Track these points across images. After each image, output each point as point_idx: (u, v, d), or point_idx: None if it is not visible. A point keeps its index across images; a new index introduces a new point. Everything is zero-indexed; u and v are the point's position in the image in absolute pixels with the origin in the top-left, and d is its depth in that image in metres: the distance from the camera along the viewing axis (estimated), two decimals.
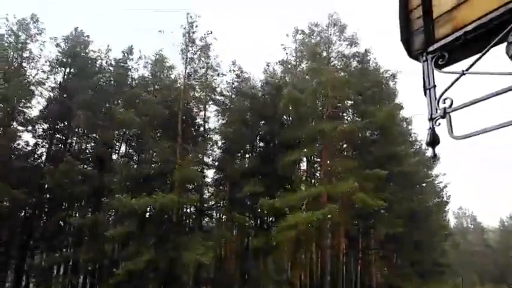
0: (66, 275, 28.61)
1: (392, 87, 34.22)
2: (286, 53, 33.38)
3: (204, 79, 30.86)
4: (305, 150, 27.60)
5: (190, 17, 28.34)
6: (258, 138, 33.19)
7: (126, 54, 33.04)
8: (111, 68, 33.30)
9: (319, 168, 32.71)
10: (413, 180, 34.09)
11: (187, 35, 28.44)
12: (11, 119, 28.93)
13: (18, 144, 30.01)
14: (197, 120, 32.70)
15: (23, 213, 30.88)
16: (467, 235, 71.92)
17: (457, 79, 2.41)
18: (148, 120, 26.84)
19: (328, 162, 28.85)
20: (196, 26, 28.71)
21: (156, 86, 31.40)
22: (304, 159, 32.57)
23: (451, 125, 2.44)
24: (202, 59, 29.90)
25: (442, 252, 45.05)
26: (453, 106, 2.44)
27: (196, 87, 30.81)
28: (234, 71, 32.85)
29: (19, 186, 26.03)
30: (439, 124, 2.54)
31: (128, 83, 31.21)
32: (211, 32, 29.26)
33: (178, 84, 30.36)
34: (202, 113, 32.73)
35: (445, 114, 2.47)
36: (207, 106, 32.53)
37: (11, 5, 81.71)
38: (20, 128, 30.06)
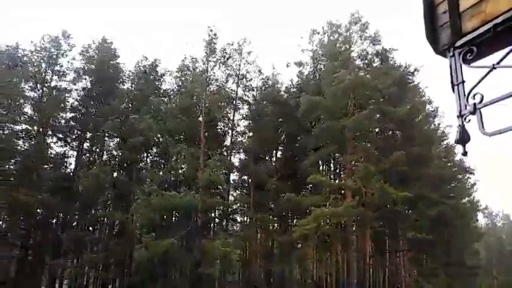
0: (97, 275, 29.42)
1: (416, 84, 33.37)
2: (307, 55, 33.33)
3: (225, 86, 31.48)
4: (328, 149, 27.46)
5: (211, 30, 29.22)
6: (281, 141, 33.24)
7: (152, 67, 34.01)
8: (136, 77, 34.30)
9: (342, 168, 32.43)
10: (442, 179, 33.03)
11: (208, 45, 29.17)
12: (44, 130, 30.35)
13: (51, 154, 31.34)
14: (221, 125, 33.10)
15: (54, 220, 32.13)
16: (500, 235, 69.08)
17: (487, 73, 2.34)
18: (172, 127, 27.43)
19: (351, 161, 28.52)
20: (217, 37, 29.39)
21: (180, 94, 32.02)
22: (328, 160, 32.37)
23: (482, 121, 2.38)
24: (223, 67, 30.62)
25: (473, 253, 43.40)
26: (483, 101, 2.37)
27: (218, 94, 31.23)
28: (262, 77, 33.16)
29: (51, 193, 27.11)
30: (469, 121, 2.47)
31: (154, 90, 32.02)
32: (232, 43, 30.26)
33: (200, 90, 30.82)
34: (225, 119, 33.22)
35: (475, 110, 2.40)
36: (230, 111, 32.95)
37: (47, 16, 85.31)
38: (52, 138, 31.54)
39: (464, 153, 2.49)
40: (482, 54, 2.43)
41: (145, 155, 33.13)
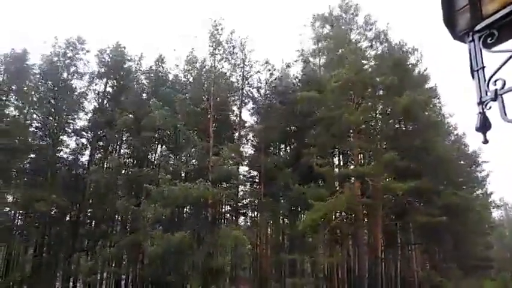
0: (110, 271, 29.83)
1: (422, 73, 32.48)
2: (308, 46, 33.10)
3: (231, 80, 31.55)
4: (330, 141, 27.47)
5: (214, 21, 29.11)
6: (290, 133, 33.18)
7: (158, 62, 34.47)
8: (146, 74, 34.84)
9: (349, 161, 32.44)
10: (453, 170, 32.55)
11: (213, 37, 29.14)
12: (59, 130, 31.09)
13: (65, 153, 32.38)
14: (229, 118, 33.24)
15: (68, 218, 32.66)
16: None
17: (509, 58, 2.25)
18: (182, 119, 27.67)
19: (359, 153, 28.46)
20: (222, 29, 29.36)
21: (188, 87, 32.27)
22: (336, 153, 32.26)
23: (504, 108, 2.30)
24: (229, 58, 30.68)
25: (486, 246, 42.87)
26: (506, 87, 2.28)
27: (225, 85, 31.22)
28: (269, 70, 33.07)
29: (65, 192, 27.60)
30: (490, 107, 2.39)
31: (163, 86, 32.37)
32: (233, 32, 30.17)
33: (208, 84, 30.90)
34: (235, 111, 33.43)
35: (496, 96, 2.32)
36: (238, 104, 33.02)
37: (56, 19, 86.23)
38: (66, 138, 32.43)
39: (485, 142, 2.41)
40: (504, 37, 2.34)
41: (158, 147, 33.61)
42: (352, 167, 30.00)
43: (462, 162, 36.72)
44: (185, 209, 30.73)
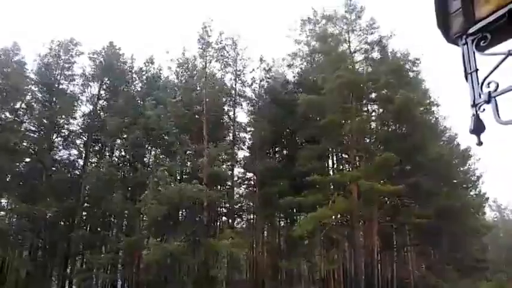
0: (105, 277, 29.60)
1: (416, 76, 32.66)
2: (302, 47, 32.94)
3: (224, 81, 31.61)
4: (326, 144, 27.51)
5: (203, 23, 29.29)
6: (285, 136, 33.13)
7: (149, 63, 34.44)
8: (139, 76, 34.71)
9: (344, 164, 32.50)
10: (447, 172, 32.67)
11: (203, 38, 29.18)
12: (54, 133, 30.93)
13: (60, 156, 32.18)
14: (223, 119, 33.17)
15: (63, 221, 32.41)
16: (510, 228, 68.36)
17: (502, 60, 2.27)
18: (175, 121, 27.61)
19: (355, 156, 28.54)
20: (211, 30, 29.42)
21: (180, 89, 32.23)
22: (330, 156, 32.32)
23: (497, 110, 2.31)
24: (220, 59, 30.70)
25: (482, 247, 43.00)
26: (499, 90, 2.30)
27: (218, 90, 31.20)
28: (264, 68, 32.92)
29: (60, 195, 27.38)
30: (484, 110, 2.41)
31: (156, 89, 32.29)
32: (222, 33, 30.25)
33: (200, 87, 30.86)
34: (228, 113, 33.37)
35: (489, 98, 2.34)
36: (232, 104, 32.99)
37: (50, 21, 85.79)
38: (61, 141, 32.19)
39: (479, 144, 2.43)
40: (497, 40, 2.36)
41: (152, 149, 33.49)
42: (348, 169, 30.06)
43: (455, 163, 36.92)
44: (180, 212, 30.64)
